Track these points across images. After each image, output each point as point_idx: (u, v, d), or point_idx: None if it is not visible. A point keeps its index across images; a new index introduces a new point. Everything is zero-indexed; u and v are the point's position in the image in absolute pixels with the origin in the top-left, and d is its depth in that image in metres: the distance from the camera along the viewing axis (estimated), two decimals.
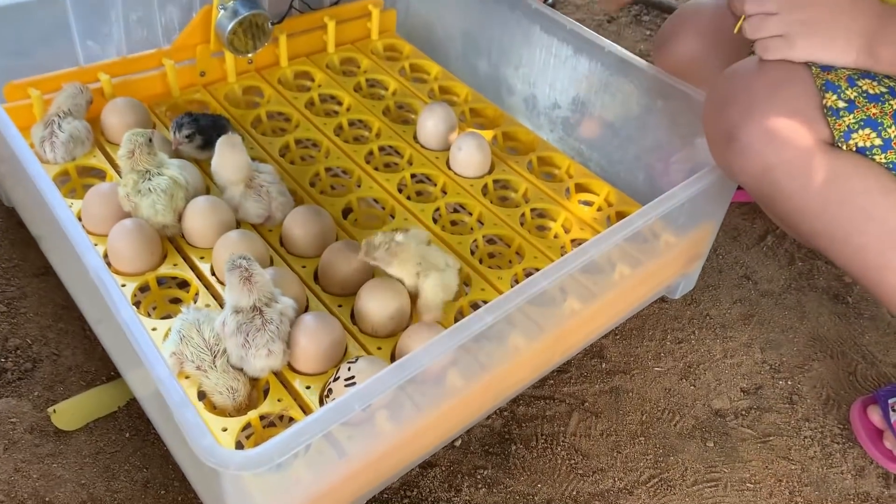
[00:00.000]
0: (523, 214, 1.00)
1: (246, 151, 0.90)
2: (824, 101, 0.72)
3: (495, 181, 1.05)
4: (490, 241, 0.98)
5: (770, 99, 0.73)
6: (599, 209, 1.03)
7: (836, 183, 0.72)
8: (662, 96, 1.01)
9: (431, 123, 1.08)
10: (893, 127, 0.71)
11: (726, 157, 0.77)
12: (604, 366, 0.96)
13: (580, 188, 1.06)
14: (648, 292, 0.98)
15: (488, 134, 1.12)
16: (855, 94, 0.72)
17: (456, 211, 1.02)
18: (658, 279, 0.96)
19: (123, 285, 0.82)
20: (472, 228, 1.00)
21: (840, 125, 0.72)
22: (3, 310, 0.92)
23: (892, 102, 0.72)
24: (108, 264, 0.84)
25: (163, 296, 0.86)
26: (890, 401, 0.90)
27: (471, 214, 1.01)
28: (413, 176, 1.05)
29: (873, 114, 0.72)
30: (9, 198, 1.05)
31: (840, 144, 0.73)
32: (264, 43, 1.10)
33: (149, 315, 0.82)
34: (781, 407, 0.94)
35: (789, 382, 0.97)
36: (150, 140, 0.87)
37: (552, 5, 1.44)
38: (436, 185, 1.05)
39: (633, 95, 1.05)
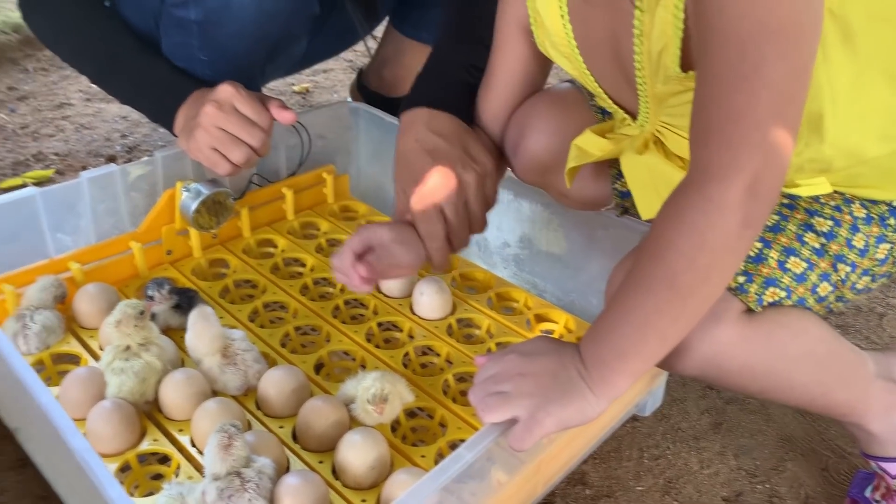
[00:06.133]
0: (489, 350, 1.05)
1: (219, 322, 0.94)
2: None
3: (459, 320, 1.10)
4: (461, 378, 1.01)
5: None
6: (561, 336, 1.08)
7: (771, 343, 0.77)
8: (602, 226, 1.09)
9: None
10: (787, 276, 0.77)
11: (666, 365, 0.79)
12: (587, 492, 0.97)
13: (540, 318, 1.11)
14: (620, 412, 1.01)
15: (447, 277, 1.18)
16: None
17: (424, 353, 1.06)
18: (627, 397, 1.00)
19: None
20: (441, 369, 1.03)
21: (750, 297, 0.77)
22: None
23: (772, 256, 0.78)
24: None
25: (144, 473, 0.86)
26: (867, 493, 0.92)
27: (439, 355, 1.05)
28: (380, 324, 1.10)
29: (767, 274, 0.77)
30: None
31: (756, 309, 0.77)
32: (227, 218, 1.16)
33: (132, 495, 0.83)
34: None
35: (767, 486, 0.99)
36: (142, 313, 0.91)
37: None
38: (402, 330, 1.09)
39: (575, 228, 1.12)
